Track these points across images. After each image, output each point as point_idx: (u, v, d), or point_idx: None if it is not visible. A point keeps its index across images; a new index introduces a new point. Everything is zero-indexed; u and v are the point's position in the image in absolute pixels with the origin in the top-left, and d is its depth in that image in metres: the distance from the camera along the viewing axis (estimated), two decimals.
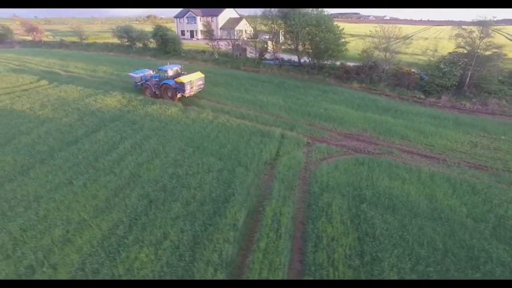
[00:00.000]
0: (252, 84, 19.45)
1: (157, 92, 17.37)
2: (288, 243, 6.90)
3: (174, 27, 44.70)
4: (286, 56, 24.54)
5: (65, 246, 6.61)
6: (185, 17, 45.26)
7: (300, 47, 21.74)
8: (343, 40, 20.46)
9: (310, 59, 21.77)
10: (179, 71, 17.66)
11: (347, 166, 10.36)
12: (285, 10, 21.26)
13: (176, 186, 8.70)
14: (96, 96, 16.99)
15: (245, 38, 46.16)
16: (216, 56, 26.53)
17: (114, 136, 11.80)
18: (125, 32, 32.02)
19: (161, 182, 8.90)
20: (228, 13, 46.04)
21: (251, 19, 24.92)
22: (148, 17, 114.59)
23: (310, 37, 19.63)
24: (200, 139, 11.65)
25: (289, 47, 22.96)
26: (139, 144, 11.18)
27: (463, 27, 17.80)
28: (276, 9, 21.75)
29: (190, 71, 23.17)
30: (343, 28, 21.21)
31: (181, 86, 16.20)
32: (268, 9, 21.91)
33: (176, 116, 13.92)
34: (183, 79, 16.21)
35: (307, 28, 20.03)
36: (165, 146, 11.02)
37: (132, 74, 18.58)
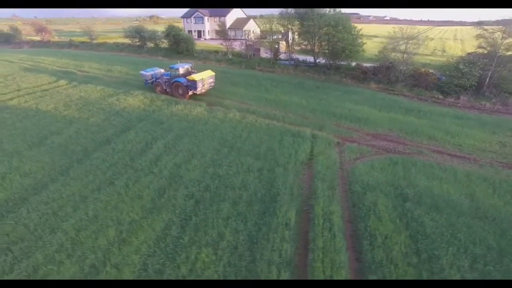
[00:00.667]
0: (272, 84, 19.41)
1: (167, 90, 17.49)
2: (343, 242, 6.92)
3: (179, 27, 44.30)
4: (300, 57, 24.52)
5: (122, 246, 6.56)
6: (192, 17, 45.06)
7: (317, 48, 21.73)
8: (360, 40, 20.47)
9: (326, 59, 21.75)
10: (190, 69, 17.83)
11: (383, 166, 10.38)
12: (301, 10, 21.25)
13: (219, 186, 8.66)
14: (117, 96, 16.89)
15: (253, 38, 46.23)
16: (230, 56, 26.45)
17: (145, 136, 11.73)
18: (137, 32, 31.92)
19: (204, 182, 8.85)
20: (236, 13, 45.93)
21: (267, 19, 24.83)
22: (150, 17, 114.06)
23: (328, 37, 19.62)
24: (233, 139, 11.61)
25: (304, 47, 22.95)
26: (172, 144, 11.13)
27: (485, 27, 17.84)
28: (293, 10, 21.74)
29: (203, 70, 23.26)
30: (361, 29, 21.26)
31: (193, 84, 16.30)
32: (285, 9, 21.92)
33: (202, 116, 13.86)
34: (195, 77, 16.28)
35: (325, 28, 20.02)
36: (199, 146, 10.97)
37: (143, 72, 18.82)
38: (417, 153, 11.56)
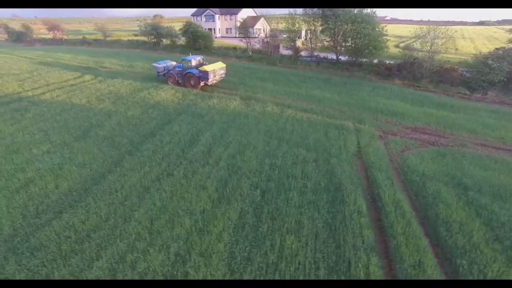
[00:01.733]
0: (299, 79, 19.24)
1: (180, 81, 18.09)
2: (420, 228, 6.82)
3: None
4: (321, 54, 24.33)
5: (202, 235, 6.38)
6: (203, 15, 44.77)
7: (339, 45, 21.59)
8: (384, 37, 20.32)
9: (349, 56, 21.62)
10: (201, 61, 18.39)
11: (432, 157, 10.28)
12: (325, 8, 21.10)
13: (281, 177, 8.50)
14: (147, 90, 16.64)
15: (263, 36, 45.95)
16: (250, 53, 26.23)
17: (189, 129, 11.53)
18: (154, 29, 31.56)
19: (264, 172, 8.69)
20: (246, 12, 45.68)
21: (289, 17, 24.62)
22: (154, 16, 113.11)
23: (353, 33, 19.48)
24: (279, 132, 11.44)
25: (327, 44, 22.79)
26: (219, 136, 10.94)
27: None
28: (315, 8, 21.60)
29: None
30: (386, 26, 21.15)
31: (204, 75, 16.76)
32: (308, 8, 21.78)
33: (241, 110, 13.67)
34: (207, 68, 16.78)
35: (348, 25, 19.88)
36: (248, 138, 10.79)
37: (155, 64, 19.41)
38: (461, 146, 11.47)
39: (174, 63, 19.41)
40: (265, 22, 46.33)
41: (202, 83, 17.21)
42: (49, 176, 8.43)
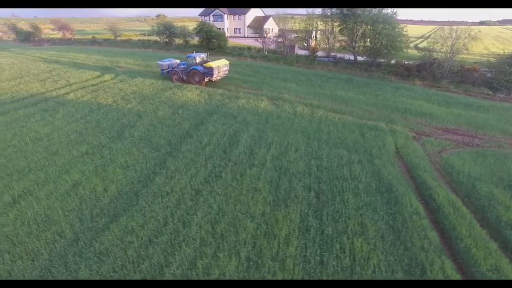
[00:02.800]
0: (321, 80, 19.04)
1: (184, 78, 18.48)
2: (483, 230, 6.68)
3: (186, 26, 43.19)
4: (337, 54, 24.10)
5: (269, 239, 6.19)
6: (211, 15, 44.39)
7: (361, 44, 21.40)
8: (403, 37, 20.11)
9: (367, 56, 21.42)
10: (205, 58, 18.81)
11: (473, 158, 10.14)
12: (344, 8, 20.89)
13: (331, 179, 8.32)
14: (171, 90, 16.40)
15: (272, 37, 45.71)
16: (266, 53, 25.97)
17: (225, 130, 11.31)
18: (167, 29, 31.20)
19: (313, 174, 8.51)
20: (254, 12, 45.36)
21: (307, 17, 24.40)
22: (157, 16, 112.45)
23: (373, 33, 19.29)
24: (315, 133, 11.26)
25: (345, 44, 22.60)
26: (258, 137, 10.72)
27: None
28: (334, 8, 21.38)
29: (235, 66, 22.78)
30: (406, 26, 20.97)
31: (209, 71, 17.19)
32: (327, 8, 21.57)
33: (271, 110, 13.46)
34: (212, 64, 17.18)
35: (368, 26, 19.69)
36: (287, 139, 10.59)
37: (160, 62, 19.76)
38: (497, 147, 11.34)
39: (178, 61, 19.95)
40: (274, 22, 46.14)
41: (206, 79, 17.68)
42: (95, 178, 8.21)
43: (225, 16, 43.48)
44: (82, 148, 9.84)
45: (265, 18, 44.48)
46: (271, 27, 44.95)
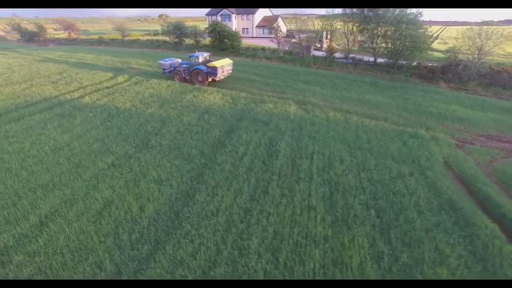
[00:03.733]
0: (345, 83, 18.13)
1: (187, 78, 17.98)
2: None
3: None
4: (356, 55, 23.19)
5: (341, 269, 5.31)
6: (218, 15, 43.33)
7: (382, 45, 20.54)
8: (427, 38, 19.25)
9: (387, 58, 20.51)
10: (208, 58, 18.32)
11: None
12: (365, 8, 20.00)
13: (387, 194, 7.45)
14: (192, 93, 15.47)
15: (281, 37, 44.69)
16: (281, 54, 25.04)
17: (260, 138, 10.39)
18: (177, 29, 30.20)
19: (367, 189, 7.64)
20: (262, 12, 44.36)
21: (327, 17, 23.50)
22: (160, 16, 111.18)
23: (397, 34, 18.42)
24: (355, 141, 10.38)
25: (366, 45, 21.73)
26: (297, 146, 9.81)
27: None
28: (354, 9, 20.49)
29: (252, 68, 21.88)
30: (430, 26, 20.08)
31: (213, 70, 16.70)
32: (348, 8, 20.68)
33: (302, 116, 12.54)
34: (216, 63, 16.67)
35: (391, 26, 18.83)
36: (328, 148, 9.70)
37: (162, 61, 19.18)
38: None
39: (180, 60, 19.42)
40: (282, 22, 45.17)
41: (210, 79, 17.19)
42: (128, 196, 7.32)
43: (233, 16, 42.45)
44: (108, 159, 8.95)
45: (274, 18, 43.49)
46: (279, 27, 43.94)
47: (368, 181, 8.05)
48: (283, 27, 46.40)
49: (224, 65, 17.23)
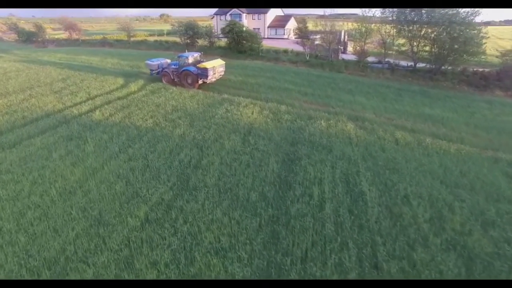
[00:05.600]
0: (392, 92, 15.64)
1: (175, 79, 16.60)
2: None
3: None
4: (391, 59, 20.76)
5: None
6: (228, 14, 40.55)
7: (425, 49, 18.19)
8: (481, 40, 16.89)
9: (432, 62, 18.13)
10: (199, 58, 16.88)
11: None
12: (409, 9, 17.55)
13: None
14: (223, 106, 12.79)
15: (293, 38, 42.23)
16: (308, 58, 22.53)
17: (331, 172, 7.78)
18: (190, 29, 27.25)
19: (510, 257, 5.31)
20: (274, 12, 41.72)
21: (361, 18, 21.03)
22: (161, 16, 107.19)
23: (449, 36, 16.05)
24: (448, 175, 7.82)
25: (405, 48, 19.35)
26: (384, 186, 7.30)
27: None
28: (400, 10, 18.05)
29: (281, 74, 19.36)
30: (486, 27, 17.78)
31: (203, 72, 15.31)
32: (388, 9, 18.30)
33: (365, 138, 9.93)
34: (206, 64, 15.37)
35: (440, 28, 16.49)
36: (423, 189, 7.28)
37: (149, 61, 17.77)
38: None
39: (168, 60, 17.85)
40: (295, 23, 42.64)
41: (200, 81, 15.84)
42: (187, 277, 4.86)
43: (244, 15, 39.67)
44: (139, 211, 6.39)
45: (286, 18, 40.91)
46: (292, 28, 41.44)
47: (506, 243, 5.68)
48: (295, 28, 43.98)
49: (215, 66, 15.87)
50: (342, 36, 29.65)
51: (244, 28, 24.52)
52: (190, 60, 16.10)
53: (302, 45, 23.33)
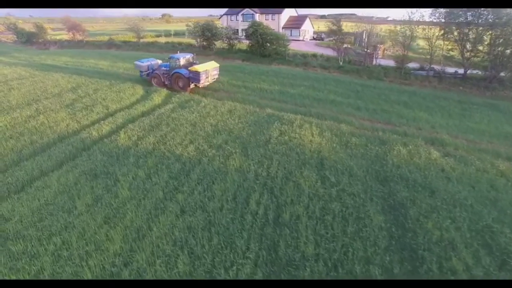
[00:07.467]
0: (455, 106, 13.35)
1: (166, 82, 15.40)
2: None
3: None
4: (438, 66, 18.54)
5: None
6: (240, 14, 38.03)
7: (479, 54, 16.11)
8: None
9: (488, 69, 16.06)
10: (192, 60, 15.54)
11: None
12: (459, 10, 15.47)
13: None
14: (273, 125, 10.39)
15: (308, 39, 39.87)
16: (341, 63, 20.25)
17: (458, 231, 5.66)
18: (208, 30, 24.54)
19: None
20: (288, 12, 39.29)
21: (407, 21, 18.75)
22: (162, 16, 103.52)
23: (507, 39, 14.06)
24: None
25: (453, 53, 17.29)
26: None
27: None
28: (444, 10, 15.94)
29: (319, 82, 17.08)
30: None
31: (195, 75, 14.09)
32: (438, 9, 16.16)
33: (464, 173, 7.77)
34: (199, 67, 14.14)
35: (498, 29, 14.46)
36: None
37: (138, 62, 16.48)
38: None
39: (159, 61, 16.58)
40: (310, 23, 40.27)
41: (192, 85, 14.67)
42: None
43: (257, 15, 37.09)
44: None
45: (302, 18, 38.50)
46: (307, 29, 39.10)
47: None
48: (310, 29, 41.59)
49: (208, 70, 14.67)
50: (364, 37, 27.56)
51: (271, 30, 22.01)
52: (182, 62, 14.74)
53: (336, 49, 21.03)
